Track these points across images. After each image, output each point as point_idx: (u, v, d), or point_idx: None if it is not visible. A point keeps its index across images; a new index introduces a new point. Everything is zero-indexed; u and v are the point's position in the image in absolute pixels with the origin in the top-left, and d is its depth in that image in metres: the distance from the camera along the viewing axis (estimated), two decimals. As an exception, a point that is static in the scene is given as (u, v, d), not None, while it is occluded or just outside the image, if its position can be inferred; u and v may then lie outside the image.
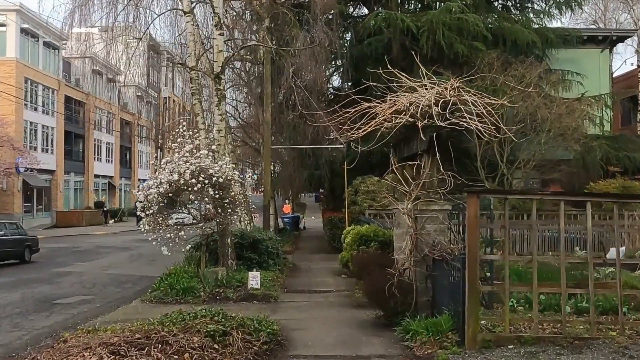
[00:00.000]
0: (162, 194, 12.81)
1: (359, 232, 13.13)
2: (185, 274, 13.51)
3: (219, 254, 15.36)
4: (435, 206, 9.23)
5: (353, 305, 11.72)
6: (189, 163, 12.92)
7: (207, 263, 15.17)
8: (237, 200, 13.53)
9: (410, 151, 10.36)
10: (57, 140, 48.38)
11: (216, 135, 15.01)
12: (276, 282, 14.81)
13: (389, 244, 12.83)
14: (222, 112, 14.96)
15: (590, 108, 28.00)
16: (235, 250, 15.74)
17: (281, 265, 17.71)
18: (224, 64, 15.01)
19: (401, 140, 10.90)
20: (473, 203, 6.90)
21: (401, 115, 9.81)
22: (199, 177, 12.78)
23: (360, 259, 11.45)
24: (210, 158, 13.88)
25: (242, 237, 16.15)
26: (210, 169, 13.02)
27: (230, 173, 13.41)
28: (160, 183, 12.71)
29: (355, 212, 23.51)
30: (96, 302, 13.14)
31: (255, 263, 16.09)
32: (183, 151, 13.16)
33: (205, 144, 15.21)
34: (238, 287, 13.24)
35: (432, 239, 9.11)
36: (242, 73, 29.26)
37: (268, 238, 17.18)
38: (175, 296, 12.40)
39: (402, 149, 10.97)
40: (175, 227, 13.01)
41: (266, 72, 21.80)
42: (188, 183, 12.63)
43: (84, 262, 21.46)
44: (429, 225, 9.20)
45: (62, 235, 38.39)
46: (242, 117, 32.27)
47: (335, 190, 27.77)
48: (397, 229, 11.31)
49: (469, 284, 6.90)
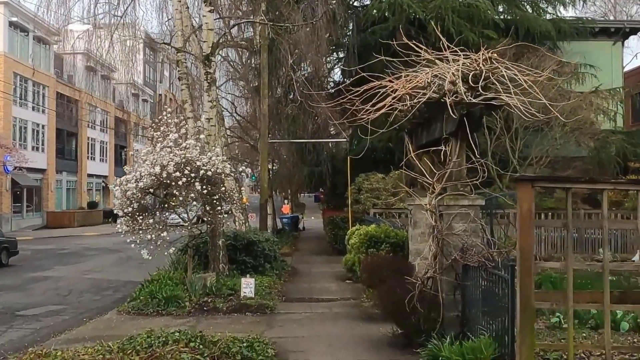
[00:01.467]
0: (142, 189, 11.18)
1: (367, 232, 11.50)
2: (170, 281, 11.89)
3: (209, 257, 13.75)
4: (465, 201, 7.59)
5: (362, 317, 10.08)
6: (173, 154, 11.29)
7: (196, 267, 13.58)
8: (229, 197, 11.88)
9: (430, 136, 8.73)
10: (48, 138, 46.71)
11: (205, 124, 13.38)
12: (273, 288, 13.17)
13: (402, 246, 11.21)
14: (212, 99, 13.34)
15: (606, 102, 26.60)
16: (228, 253, 14.13)
17: (279, 269, 16.09)
18: (215, 44, 13.39)
19: (419, 125, 9.28)
20: (526, 194, 5.27)
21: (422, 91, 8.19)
22: (185, 170, 11.16)
23: (371, 264, 9.82)
24: (199, 149, 12.27)
25: (236, 238, 14.53)
26: (197, 160, 11.40)
27: (220, 166, 11.78)
28: (140, 177, 11.08)
29: (358, 212, 21.94)
30: (66, 313, 11.49)
31: (250, 267, 14.48)
32: (167, 140, 11.53)
33: (194, 133, 13.59)
34: (230, 295, 11.61)
35: (461, 241, 7.47)
36: (238, 65, 27.62)
37: (264, 239, 15.55)
38: (156, 307, 10.76)
39: (420, 135, 9.34)
40: (158, 228, 11.36)
41: (263, 61, 20.17)
42: (172, 177, 11.00)
43: (65, 266, 19.81)
44: (457, 224, 7.56)
45: (51, 236, 36.78)
46: (238, 112, 30.61)
47: (337, 188, 26.14)
48: (414, 228, 9.69)
49: (522, 299, 5.27)
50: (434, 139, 8.58)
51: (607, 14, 43.99)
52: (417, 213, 9.58)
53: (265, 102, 20.22)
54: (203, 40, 13.58)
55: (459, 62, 7.89)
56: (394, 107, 9.04)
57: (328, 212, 26.12)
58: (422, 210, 9.35)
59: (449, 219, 7.55)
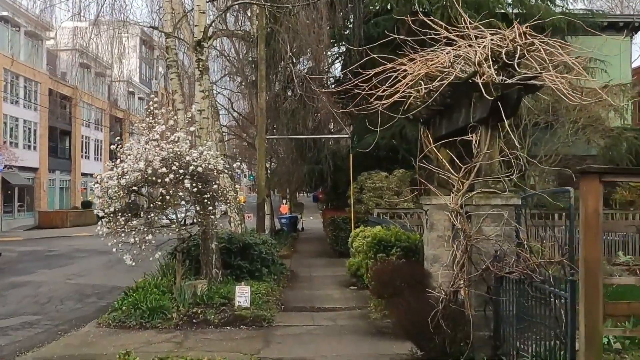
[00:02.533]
0: (125, 187, 10.02)
1: (375, 235, 10.35)
2: (156, 289, 10.72)
3: (201, 261, 12.59)
4: (497, 200, 6.43)
5: (372, 332, 8.92)
6: (160, 148, 10.13)
7: (186, 273, 12.41)
8: (222, 196, 10.72)
9: (452, 125, 7.59)
10: (40, 136, 45.47)
11: (197, 116, 12.21)
12: (271, 296, 12.02)
13: (415, 250, 10.06)
14: (204, 89, 12.18)
15: (617, 98, 25.59)
16: (222, 257, 12.97)
17: (277, 274, 14.94)
18: (207, 28, 12.22)
19: (438, 113, 8.14)
20: (593, 190, 4.14)
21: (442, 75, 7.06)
22: (173, 165, 10.00)
23: (382, 271, 8.67)
24: (189, 143, 11.11)
25: (230, 240, 13.37)
26: (187, 155, 10.23)
27: (212, 161, 10.61)
28: (123, 173, 9.92)
29: (360, 212, 20.79)
30: (40, 325, 10.30)
31: (245, 272, 13.33)
32: (153, 133, 10.37)
33: (184, 126, 12.44)
34: (222, 305, 10.45)
35: (493, 247, 6.32)
36: (234, 60, 26.44)
37: (262, 242, 14.39)
38: (139, 319, 9.58)
39: (438, 125, 8.20)
40: (143, 230, 10.19)
41: (260, 52, 19.00)
42: (158, 173, 9.83)
43: (51, 269, 18.61)
44: (488, 227, 6.41)
45: (42, 237, 35.57)
46: (235, 109, 29.44)
47: (338, 187, 24.99)
48: (430, 231, 8.55)
49: (587, 324, 4.14)
50: (455, 129, 7.44)
51: (614, 9, 42.90)
52: (434, 214, 8.45)
53: (263, 96, 19.06)
54: (194, 24, 12.41)
55: (488, 39, 6.75)
56: (406, 94, 7.93)
57: (329, 212, 24.98)
58: (440, 210, 8.23)
59: (479, 221, 6.41)
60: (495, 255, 6.16)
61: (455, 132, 7.39)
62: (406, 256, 9.95)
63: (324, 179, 23.32)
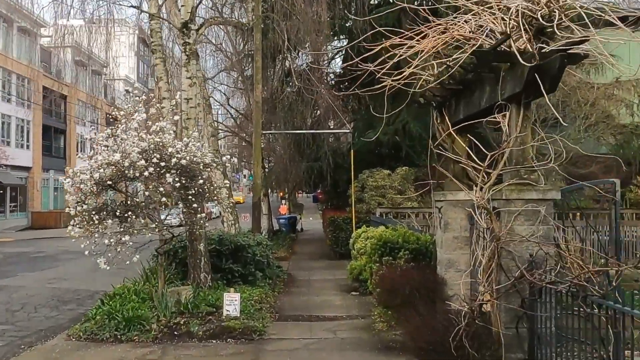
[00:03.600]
0: (99, 182, 8.91)
1: (381, 236, 9.21)
2: (135, 296, 9.62)
3: (189, 265, 11.51)
4: (532, 193, 5.33)
5: (378, 347, 7.77)
6: (139, 138, 9.02)
7: (173, 277, 11.36)
8: (209, 193, 9.61)
9: (472, 107, 6.49)
10: (33, 134, 44.38)
11: (184, 105, 11.12)
12: (264, 303, 10.93)
13: (425, 253, 8.95)
14: (192, 75, 11.09)
15: (630, 94, 24.48)
16: (212, 260, 11.91)
17: (273, 278, 13.86)
18: (194, 9, 11.12)
19: (454, 94, 7.04)
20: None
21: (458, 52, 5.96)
22: (153, 158, 8.89)
23: (389, 277, 7.56)
24: (173, 133, 10.02)
25: (221, 242, 12.28)
26: (170, 146, 9.13)
27: (199, 154, 9.51)
28: (97, 167, 8.81)
29: (362, 211, 19.70)
30: (4, 337, 9.16)
31: (237, 276, 12.25)
32: (132, 122, 9.26)
33: (167, 114, 11.36)
34: (209, 314, 9.35)
35: (527, 251, 5.21)
36: (232, 56, 25.35)
37: (256, 243, 13.30)
38: (114, 330, 8.47)
39: (455, 108, 7.10)
40: (119, 231, 9.09)
41: (256, 41, 17.90)
42: (135, 165, 8.73)
43: (33, 272, 17.52)
44: (520, 225, 5.30)
45: (33, 237, 34.57)
46: (231, 105, 28.36)
47: (338, 186, 23.85)
48: (445, 231, 7.45)
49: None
50: (477, 112, 6.34)
51: (620, 3, 41.91)
52: (449, 211, 7.35)
53: (259, 89, 17.96)
54: (181, 4, 11.32)
55: (519, 2, 5.65)
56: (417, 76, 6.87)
57: (329, 212, 23.87)
58: (456, 207, 7.13)
59: (510, 218, 5.30)
60: (530, 260, 5.06)
61: (476, 115, 6.29)
62: (415, 260, 8.85)
63: (324, 176, 22.19)
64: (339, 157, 23.39)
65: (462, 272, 7.35)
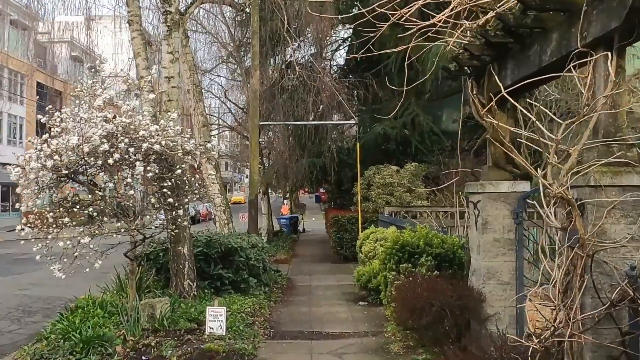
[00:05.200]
0: (54, 171, 7.32)
1: (397, 239, 7.53)
2: (101, 309, 8.02)
3: (171, 271, 9.92)
4: (634, 177, 3.71)
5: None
6: (103, 118, 7.42)
7: (153, 285, 9.77)
8: (190, 185, 7.99)
9: (526, 68, 4.88)
10: (27, 131, 42.82)
11: (165, 85, 9.54)
12: (258, 316, 9.34)
13: (452, 260, 7.31)
14: (173, 49, 9.50)
15: (649, 87, 22.74)
16: (199, 265, 10.33)
17: (269, 284, 12.31)
18: (177, -28, 9.55)
19: (498, 55, 5.43)
20: None
21: None
22: (120, 143, 7.29)
23: (411, 291, 5.92)
24: (149, 116, 8.44)
25: (209, 244, 10.69)
26: (141, 129, 7.52)
27: (180, 141, 7.90)
28: (51, 153, 7.21)
29: (368, 211, 18.12)
30: (-61, 359, 7.61)
31: (228, 284, 10.68)
32: (98, 99, 7.66)
33: (150, 98, 9.76)
34: (190, 331, 7.75)
35: (625, 261, 3.59)
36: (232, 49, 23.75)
37: (250, 245, 11.71)
38: (68, 354, 6.82)
39: (498, 72, 5.47)
40: (80, 232, 7.50)
41: (253, 24, 16.32)
42: (97, 152, 7.12)
43: (6, 277, 15.98)
44: (614, 224, 3.68)
45: (25, 238, 32.85)
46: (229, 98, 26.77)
47: (343, 183, 22.27)
48: (482, 232, 5.83)
49: None
50: (534, 72, 4.72)
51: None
52: (490, 207, 5.75)
53: (257, 76, 16.37)
54: (161, -33, 9.73)
55: None
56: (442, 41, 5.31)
57: (332, 212, 22.27)
58: (497, 202, 5.53)
59: (600, 214, 3.68)
60: (632, 275, 3.44)
61: (533, 76, 4.66)
62: (439, 267, 7.21)
63: (327, 173, 20.56)
64: (344, 154, 21.82)
65: (506, 284, 5.74)
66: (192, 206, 46.18)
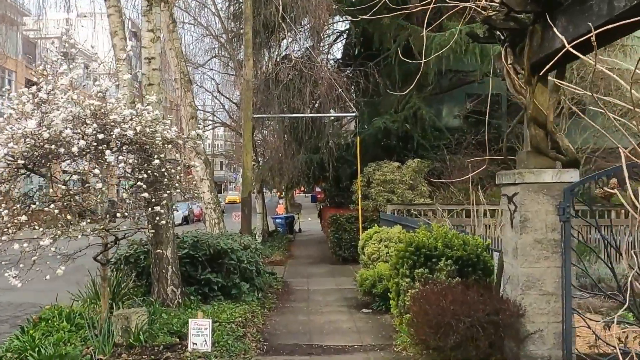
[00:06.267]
0: (11, 159, 6.25)
1: (412, 240, 6.42)
2: (67, 322, 6.95)
3: (152, 276, 8.86)
4: None
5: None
6: (68, 100, 6.35)
7: (133, 292, 8.74)
8: (170, 178, 6.92)
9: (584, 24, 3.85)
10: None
11: (144, 67, 8.48)
12: (250, 326, 8.29)
13: (476, 264, 6.25)
14: (154, 27, 8.45)
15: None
16: (184, 269, 9.28)
17: (264, 288, 11.27)
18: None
19: (541, 12, 4.39)
20: None
21: None
22: (87, 128, 6.22)
23: (433, 303, 4.86)
24: (126, 101, 7.37)
25: (196, 246, 9.63)
26: (113, 113, 6.45)
27: (159, 128, 6.83)
28: (7, 139, 6.14)
29: (368, 209, 17.15)
30: None
31: (217, 289, 9.64)
32: (64, 78, 6.59)
33: (128, 82, 8.70)
34: (170, 347, 6.69)
35: None
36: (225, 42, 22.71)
37: (242, 246, 10.66)
38: (24, 378, 5.81)
39: (541, 35, 4.43)
40: (41, 232, 6.45)
41: (247, 9, 15.27)
42: (60, 138, 6.05)
43: (-19, 281, 14.82)
44: None
45: (16, 239, 31.69)
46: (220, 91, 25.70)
47: (341, 181, 21.23)
48: (522, 232, 4.80)
49: None
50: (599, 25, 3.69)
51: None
52: (530, 201, 4.73)
53: (249, 65, 15.31)
54: None
55: None
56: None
57: (330, 210, 21.23)
58: (538, 194, 4.50)
59: None
60: None
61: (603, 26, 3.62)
62: (461, 272, 6.16)
63: (325, 169, 19.52)
64: (342, 149, 20.81)
65: (550, 295, 4.71)
66: (187, 206, 45.02)
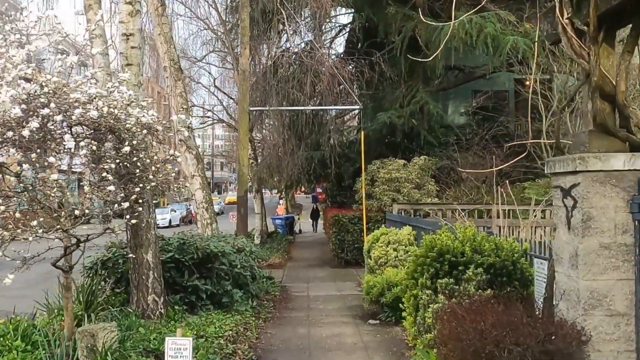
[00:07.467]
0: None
1: (433, 243, 5.30)
2: (22, 341, 5.88)
3: (131, 283, 7.81)
4: None
5: None
6: (21, 75, 5.29)
7: (109, 301, 7.70)
8: (144, 169, 5.84)
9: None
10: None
11: (122, 45, 7.44)
12: (242, 342, 7.23)
13: (511, 273, 5.16)
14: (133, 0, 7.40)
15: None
16: (169, 275, 8.23)
17: (259, 295, 10.25)
18: None
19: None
20: None
21: None
22: (43, 108, 5.15)
23: (473, 330, 3.77)
24: (101, 84, 6.33)
25: (182, 249, 8.56)
26: (75, 91, 5.38)
27: (134, 112, 5.76)
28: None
29: (372, 209, 16.15)
30: None
31: (206, 298, 8.60)
32: (18, 51, 5.53)
33: (105, 64, 7.66)
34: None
35: None
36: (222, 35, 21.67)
37: (236, 249, 9.62)
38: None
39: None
40: None
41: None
42: (10, 120, 4.99)
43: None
44: None
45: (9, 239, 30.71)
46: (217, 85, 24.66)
47: (344, 179, 20.17)
48: (584, 235, 3.72)
49: None
50: None
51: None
52: (593, 194, 3.68)
53: (246, 54, 14.27)
54: None
55: None
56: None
57: (331, 210, 20.16)
58: (605, 185, 3.41)
59: None
60: None
61: None
62: (491, 282, 5.09)
63: (326, 166, 18.44)
64: (345, 146, 19.76)
65: (620, 317, 3.65)
66: (184, 206, 43.94)
